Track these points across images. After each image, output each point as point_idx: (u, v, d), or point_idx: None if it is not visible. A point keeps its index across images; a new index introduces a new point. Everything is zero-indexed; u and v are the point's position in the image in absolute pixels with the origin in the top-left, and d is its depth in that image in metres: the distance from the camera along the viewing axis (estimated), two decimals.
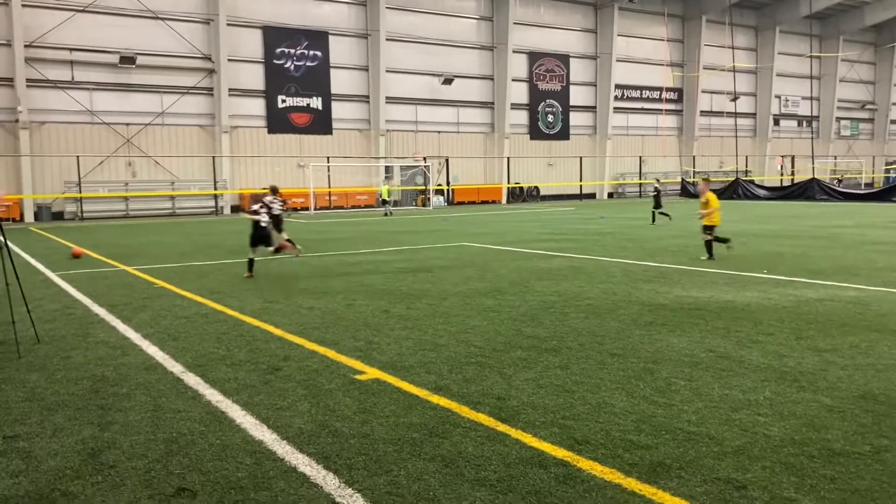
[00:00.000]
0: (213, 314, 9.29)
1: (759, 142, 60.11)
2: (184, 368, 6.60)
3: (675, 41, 54.50)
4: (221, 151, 37.65)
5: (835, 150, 63.57)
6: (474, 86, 46.06)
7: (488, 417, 5.13)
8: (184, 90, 36.86)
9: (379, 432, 4.87)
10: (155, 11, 35.64)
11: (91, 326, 8.63)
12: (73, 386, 6.12)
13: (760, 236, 19.09)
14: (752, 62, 58.17)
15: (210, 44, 37.22)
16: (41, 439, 4.87)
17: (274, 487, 4.06)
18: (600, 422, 5.01)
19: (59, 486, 4.13)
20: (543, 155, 49.23)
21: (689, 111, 55.66)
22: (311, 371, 6.44)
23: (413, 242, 19.07)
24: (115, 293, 11.14)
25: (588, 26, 50.49)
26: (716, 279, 11.55)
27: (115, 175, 35.70)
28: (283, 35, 39.24)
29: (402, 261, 14.87)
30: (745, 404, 5.35)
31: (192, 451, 4.60)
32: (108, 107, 35.27)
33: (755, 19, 58.28)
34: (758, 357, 6.69)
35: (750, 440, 4.65)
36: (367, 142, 42.62)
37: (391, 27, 42.04)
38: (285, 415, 5.27)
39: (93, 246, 19.35)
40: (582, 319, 8.52)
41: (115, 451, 4.62)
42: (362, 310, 9.41)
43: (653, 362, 6.56)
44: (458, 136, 45.98)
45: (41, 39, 33.31)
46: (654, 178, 29.98)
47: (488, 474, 4.18)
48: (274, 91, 39.37)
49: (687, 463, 4.29)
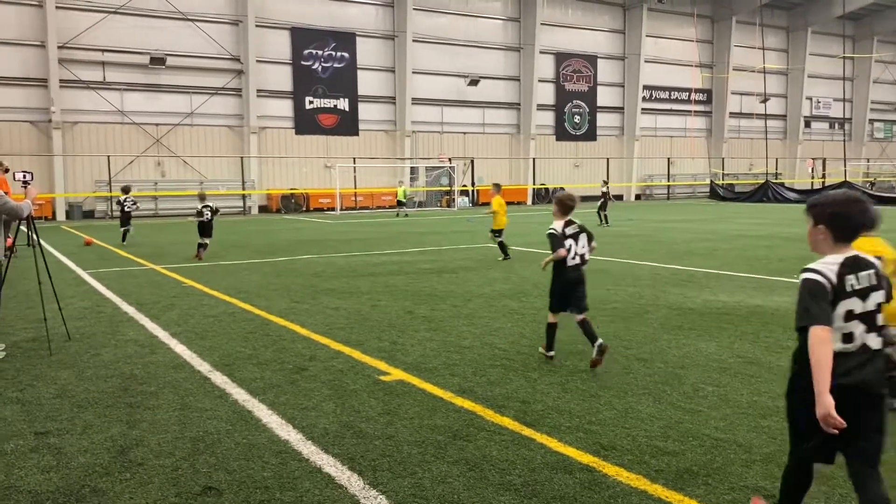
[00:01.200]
0: (241, 313, 9.38)
1: (790, 144, 59.29)
2: (211, 367, 6.67)
3: (704, 42, 53.96)
4: (249, 152, 38.00)
5: (868, 152, 62.49)
6: (500, 87, 46.00)
7: (513, 421, 5.11)
8: (213, 91, 37.26)
9: (403, 434, 4.88)
10: (185, 13, 36.08)
11: (120, 324, 8.75)
12: (103, 383, 6.20)
13: (791, 240, 18.82)
14: (782, 63, 57.41)
15: (239, 45, 37.59)
16: (71, 436, 4.94)
17: (299, 488, 4.08)
18: (626, 427, 4.97)
19: (88, 482, 4.19)
20: (570, 156, 49.01)
21: (718, 113, 55.08)
22: (337, 371, 6.47)
23: (437, 243, 19.09)
24: (144, 292, 11.28)
25: (616, 27, 50.19)
26: (745, 283, 11.41)
27: (145, 174, 36.20)
28: (311, 36, 39.51)
29: (426, 262, 14.89)
30: (775, 411, 5.27)
31: (218, 450, 4.64)
32: (138, 107, 35.78)
33: (786, 20, 57.50)
34: (787, 363, 6.58)
35: (779, 448, 4.57)
36: (393, 143, 42.75)
37: (418, 28, 42.14)
38: (311, 415, 5.30)
39: (122, 245, 19.62)
40: (608, 323, 8.46)
41: (143, 449, 4.68)
42: (387, 310, 9.43)
43: (680, 367, 6.49)
44: (483, 137, 45.95)
45: (74, 41, 33.88)
46: (601, 180, 30.20)
47: (513, 478, 4.17)
48: (301, 92, 39.65)
49: (714, 470, 4.24)
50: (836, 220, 3.08)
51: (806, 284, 3.04)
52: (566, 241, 6.59)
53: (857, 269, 3.03)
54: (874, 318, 3.03)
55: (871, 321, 3.03)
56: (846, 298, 3.00)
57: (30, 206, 7.23)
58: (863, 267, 3.05)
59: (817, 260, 3.12)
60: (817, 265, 3.07)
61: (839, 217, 3.07)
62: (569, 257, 6.59)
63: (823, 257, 3.11)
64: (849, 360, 3.00)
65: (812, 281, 3.02)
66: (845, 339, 3.01)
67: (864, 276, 3.03)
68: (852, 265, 3.03)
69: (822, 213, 3.12)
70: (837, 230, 3.08)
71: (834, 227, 3.08)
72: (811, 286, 3.02)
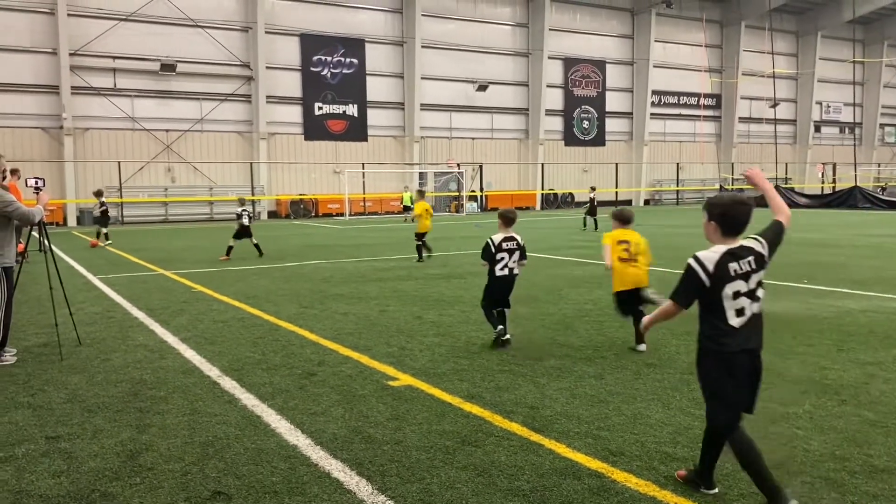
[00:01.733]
0: (250, 318, 9.41)
1: (800, 149, 59.04)
2: (220, 372, 6.69)
3: (713, 47, 53.87)
4: (259, 158, 38.15)
5: (878, 157, 62.17)
6: (509, 92, 46.03)
7: (521, 427, 5.10)
8: (222, 97, 37.45)
9: (412, 439, 4.88)
10: (195, 20, 36.30)
11: (130, 330, 8.79)
12: (113, 388, 6.23)
13: (800, 245, 18.74)
14: (792, 68, 57.23)
15: (248, 51, 37.78)
16: (82, 441, 4.97)
17: (308, 493, 4.09)
18: (636, 433, 4.95)
19: (98, 486, 4.21)
20: (578, 161, 48.97)
21: (727, 117, 54.94)
22: (345, 377, 6.48)
23: (445, 248, 19.10)
24: (154, 297, 11.33)
25: (625, 32, 50.17)
26: None
27: (155, 180, 36.40)
28: (320, 43, 39.67)
29: (434, 266, 14.89)
30: (784, 417, 5.25)
31: (227, 455, 4.66)
32: (148, 113, 35.99)
33: (796, 24, 57.33)
34: (797, 369, 6.56)
35: (789, 454, 4.56)
36: (402, 148, 42.84)
37: (426, 34, 42.25)
38: (319, 420, 5.31)
39: (133, 250, 19.73)
40: (617, 328, 8.44)
41: (152, 454, 4.70)
42: (395, 316, 9.45)
43: (690, 373, 6.46)
44: (492, 143, 45.99)
45: (85, 48, 34.14)
46: (589, 186, 30.52)
47: (521, 484, 4.16)
48: (311, 98, 39.80)
49: (723, 476, 4.22)
50: (724, 218, 3.76)
51: (686, 269, 3.76)
52: (499, 254, 7.53)
53: (739, 258, 3.68)
54: (756, 293, 3.71)
55: (754, 295, 3.71)
56: (731, 281, 3.65)
57: (41, 212, 7.28)
58: (744, 255, 3.70)
59: (707, 249, 3.74)
60: (701, 254, 3.73)
61: (726, 216, 3.75)
62: (497, 267, 7.55)
63: (713, 246, 3.76)
64: (743, 330, 3.67)
65: (690, 268, 3.74)
66: (738, 314, 3.68)
67: (745, 262, 3.68)
68: (736, 254, 3.68)
69: (713, 212, 3.81)
70: (725, 226, 3.75)
71: (722, 223, 3.75)
72: (688, 272, 3.76)
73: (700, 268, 3.69)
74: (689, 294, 3.76)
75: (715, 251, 3.72)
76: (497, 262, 7.55)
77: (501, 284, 7.61)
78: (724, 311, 3.67)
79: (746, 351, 3.71)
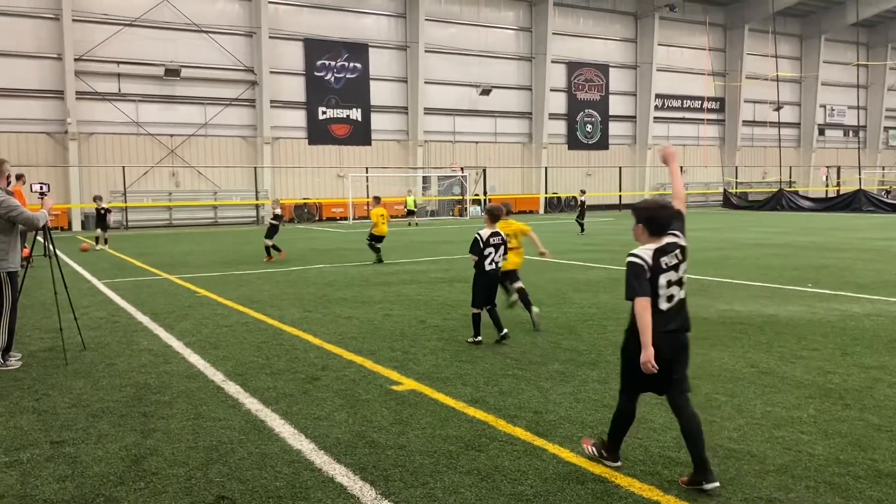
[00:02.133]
0: (254, 323, 9.42)
1: (804, 152, 58.97)
2: (224, 377, 6.70)
3: (716, 50, 53.87)
4: (263, 162, 38.22)
5: (883, 160, 62.04)
6: (512, 96, 46.08)
7: (525, 431, 5.10)
8: (226, 102, 37.55)
9: (415, 444, 4.88)
10: (199, 25, 36.42)
11: (135, 334, 8.81)
12: (118, 393, 6.25)
13: (805, 248, 18.71)
14: (796, 71, 57.18)
15: (252, 56, 37.88)
16: (86, 445, 4.98)
17: (311, 497, 4.10)
18: (639, 438, 4.95)
19: (103, 491, 4.23)
20: (582, 165, 48.97)
21: (731, 121, 54.91)
22: (349, 381, 6.49)
23: (449, 252, 19.10)
24: (159, 301, 11.36)
25: (628, 36, 50.20)
26: (758, 293, 11.35)
27: (159, 185, 36.49)
28: (324, 47, 39.76)
29: (438, 271, 14.90)
30: (789, 421, 5.24)
31: (231, 460, 4.66)
32: (153, 118, 36.10)
33: (800, 28, 57.31)
34: (801, 373, 6.55)
35: (793, 459, 4.55)
36: (406, 152, 42.89)
37: (430, 39, 42.33)
38: (323, 425, 5.32)
39: (137, 255, 19.78)
40: (621, 333, 8.38)
41: (157, 458, 4.71)
42: (399, 320, 9.45)
43: (693, 378, 6.41)
44: (495, 147, 46.02)
45: (90, 53, 34.26)
46: (580, 190, 30.73)
47: (525, 489, 4.16)
48: (314, 103, 39.88)
49: (727, 481, 4.22)
50: (650, 220, 4.21)
51: (630, 266, 4.13)
52: (486, 249, 7.78)
53: (667, 253, 4.16)
54: (682, 281, 4.22)
55: (680, 283, 4.22)
56: (664, 273, 4.14)
57: (46, 217, 7.31)
58: (670, 250, 4.18)
59: (639, 247, 4.19)
60: (638, 251, 4.16)
61: (652, 219, 4.21)
62: (486, 262, 7.81)
63: (643, 245, 4.19)
64: (671, 314, 4.18)
65: (635, 263, 4.12)
66: (668, 300, 4.18)
67: (672, 256, 4.17)
68: (664, 250, 4.15)
69: (641, 216, 4.25)
70: (651, 227, 4.20)
71: (649, 225, 4.21)
72: (634, 268, 4.12)
73: (642, 260, 4.12)
74: (644, 283, 4.11)
75: (647, 248, 4.16)
76: (485, 256, 7.84)
77: (490, 279, 7.93)
78: (656, 298, 4.14)
79: (671, 331, 4.19)
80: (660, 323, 4.13)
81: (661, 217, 4.22)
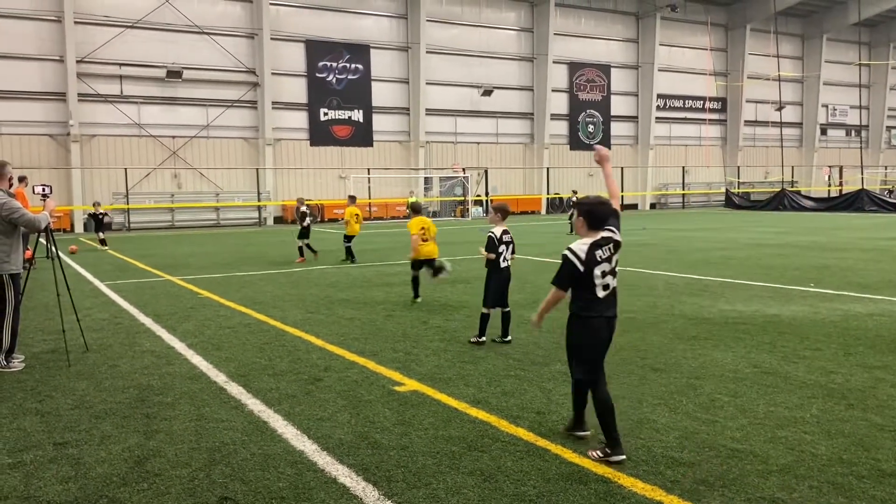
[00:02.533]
0: (256, 324, 9.43)
1: (806, 152, 58.91)
2: (227, 378, 6.71)
3: (718, 50, 53.83)
4: (265, 164, 38.26)
5: (885, 159, 61.94)
6: (514, 97, 46.08)
7: (527, 432, 5.10)
8: (228, 103, 37.59)
9: (418, 445, 4.89)
10: (201, 26, 36.46)
11: (137, 336, 8.82)
12: (120, 394, 6.26)
13: (807, 248, 18.70)
14: (797, 71, 57.13)
15: (254, 58, 37.92)
16: (89, 446, 4.99)
17: (314, 498, 4.10)
18: (642, 438, 4.95)
19: (106, 492, 4.23)
20: (584, 165, 48.94)
21: (733, 121, 54.86)
22: (352, 382, 6.49)
23: (451, 253, 19.09)
24: (161, 303, 11.37)
25: (630, 36, 50.19)
26: (761, 293, 11.34)
27: (162, 187, 36.53)
28: (326, 49, 39.80)
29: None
30: (791, 421, 5.24)
31: (234, 461, 4.67)
32: (154, 120, 36.15)
33: (801, 27, 57.25)
34: (804, 373, 6.54)
35: (796, 458, 4.54)
36: (407, 153, 42.91)
37: (431, 40, 42.35)
38: (326, 425, 5.32)
39: (139, 256, 19.80)
40: (623, 333, 8.43)
41: (160, 460, 4.71)
42: (401, 321, 9.46)
43: (696, 378, 6.46)
44: (497, 147, 46.02)
45: (92, 55, 34.32)
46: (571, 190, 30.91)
47: (528, 489, 4.16)
48: (316, 104, 39.91)
49: (730, 481, 4.22)
50: (589, 214, 4.71)
51: (564, 260, 4.63)
52: (500, 246, 7.96)
53: (602, 246, 4.63)
54: (615, 271, 4.71)
55: (614, 272, 4.70)
56: (599, 264, 4.59)
57: (47, 218, 7.32)
58: (605, 243, 4.65)
59: (578, 240, 4.66)
60: (574, 247, 4.62)
61: (591, 213, 4.71)
62: (501, 259, 7.96)
63: (582, 238, 4.68)
64: (606, 300, 4.66)
65: (567, 259, 4.62)
66: (604, 288, 4.65)
67: (606, 248, 4.64)
68: (599, 243, 4.63)
69: (582, 210, 4.75)
70: (590, 221, 4.69)
71: (588, 218, 4.70)
72: (566, 262, 4.63)
73: (574, 258, 4.58)
74: (568, 280, 4.63)
75: (584, 243, 4.63)
76: (499, 254, 7.96)
77: (504, 277, 8.04)
78: (594, 287, 4.60)
79: (606, 317, 4.69)
80: (600, 308, 4.64)
81: (598, 212, 4.71)
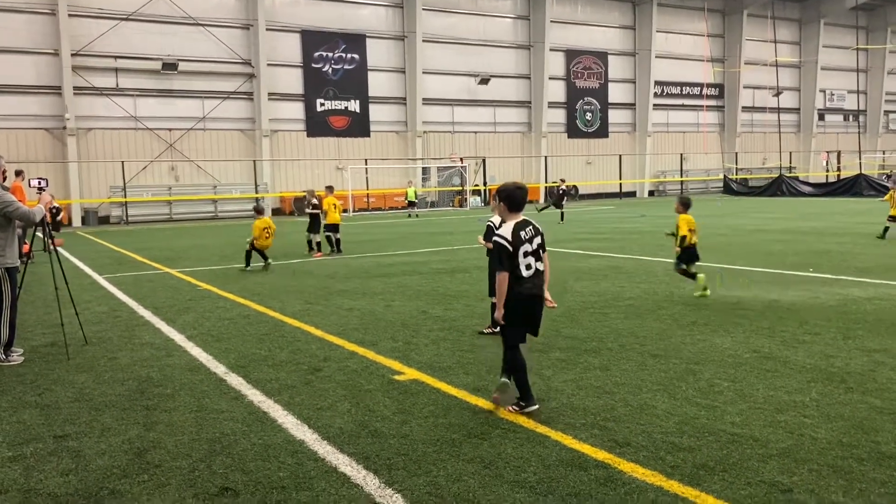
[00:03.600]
0: (255, 315, 9.43)
1: (804, 137, 58.82)
2: (227, 369, 6.71)
3: (715, 36, 53.66)
4: (262, 155, 38.17)
5: (883, 144, 61.87)
6: (511, 85, 45.94)
7: (527, 419, 5.10)
8: (224, 95, 37.46)
9: (418, 433, 4.89)
10: (196, 18, 36.29)
11: (137, 328, 8.82)
12: (120, 387, 6.25)
13: (805, 233, 18.70)
14: (795, 56, 56.97)
15: (250, 49, 37.77)
16: (90, 439, 4.99)
17: (315, 487, 4.10)
18: (642, 423, 4.95)
19: (107, 484, 4.23)
20: (582, 153, 48.89)
21: (730, 107, 54.75)
22: (351, 371, 6.49)
23: (450, 243, 19.10)
24: (160, 295, 11.36)
25: (626, 23, 50.00)
26: (760, 278, 11.35)
27: (159, 179, 36.45)
28: (321, 38, 39.62)
29: (439, 262, 14.90)
30: (791, 406, 5.24)
31: (234, 451, 4.67)
32: (151, 112, 36.03)
33: (799, 12, 57.05)
34: (804, 357, 6.55)
35: (796, 442, 4.55)
36: (405, 143, 42.81)
37: (427, 28, 42.17)
38: (326, 415, 5.32)
39: (138, 249, 19.78)
40: (622, 320, 8.44)
41: (160, 451, 4.71)
42: (400, 311, 9.45)
43: (695, 363, 6.46)
44: (494, 136, 45.92)
45: (87, 48, 34.16)
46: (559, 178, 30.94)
47: (528, 476, 4.17)
48: (312, 94, 39.78)
49: (731, 465, 4.22)
50: (509, 199, 5.19)
51: (496, 245, 5.07)
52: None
53: (524, 227, 5.11)
54: (538, 253, 5.16)
55: (536, 255, 5.14)
56: (522, 245, 5.06)
57: (42, 211, 7.29)
58: (526, 225, 5.14)
59: (504, 225, 5.11)
60: (502, 231, 5.08)
61: (510, 198, 5.19)
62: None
63: (507, 222, 5.13)
64: (530, 279, 5.10)
65: (499, 243, 5.06)
66: (527, 268, 5.09)
67: (528, 231, 5.11)
68: (521, 225, 5.11)
69: (502, 195, 5.23)
70: (510, 204, 5.19)
71: (509, 203, 5.19)
72: (499, 247, 5.06)
73: (504, 240, 5.03)
74: (506, 260, 5.02)
75: (508, 226, 5.09)
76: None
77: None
78: (519, 265, 5.04)
79: (532, 295, 5.13)
80: (526, 286, 5.07)
81: (517, 196, 5.19)
